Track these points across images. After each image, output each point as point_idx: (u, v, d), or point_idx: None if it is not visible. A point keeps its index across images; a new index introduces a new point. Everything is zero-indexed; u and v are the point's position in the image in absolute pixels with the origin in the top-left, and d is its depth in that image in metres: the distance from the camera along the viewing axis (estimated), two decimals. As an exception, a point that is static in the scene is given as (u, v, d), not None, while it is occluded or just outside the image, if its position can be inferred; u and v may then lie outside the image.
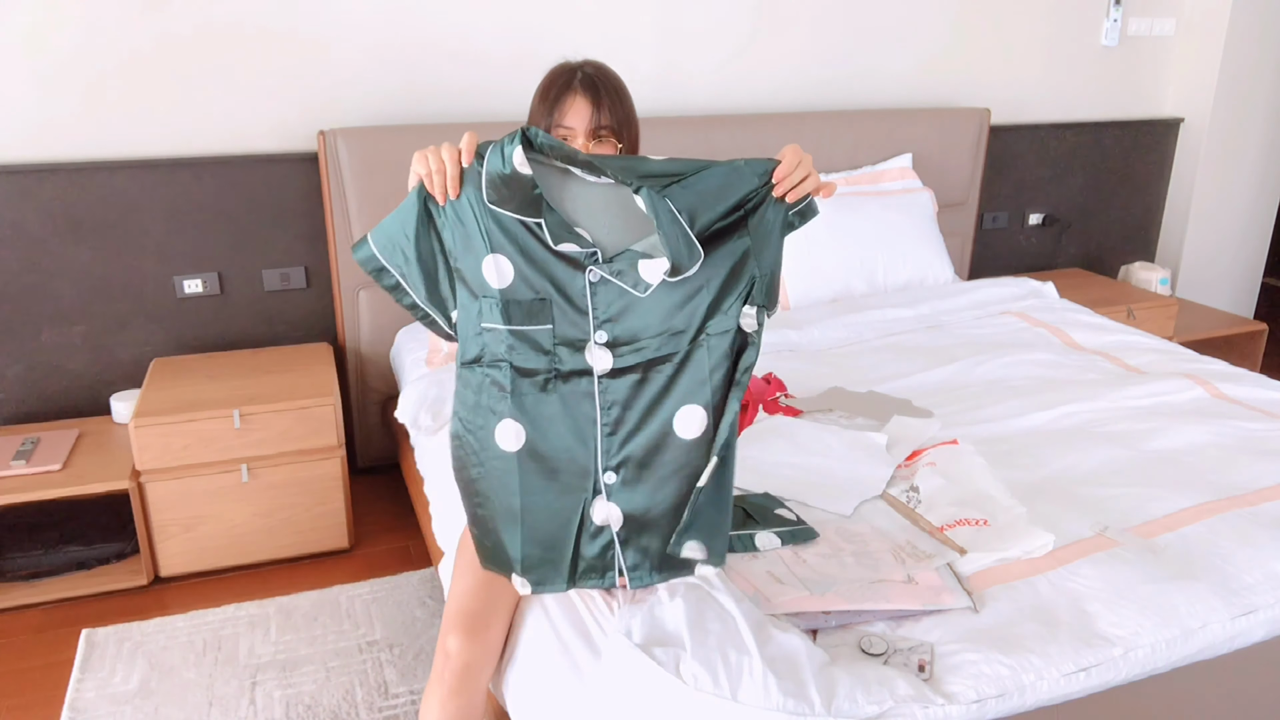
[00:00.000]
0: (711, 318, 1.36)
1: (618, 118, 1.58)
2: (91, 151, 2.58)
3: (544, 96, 1.59)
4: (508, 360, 1.36)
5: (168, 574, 2.46)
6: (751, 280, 1.36)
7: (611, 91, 1.58)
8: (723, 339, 1.37)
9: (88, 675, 2.11)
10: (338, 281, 2.80)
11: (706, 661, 1.28)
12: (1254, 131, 3.99)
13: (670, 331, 1.36)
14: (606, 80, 1.59)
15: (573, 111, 1.56)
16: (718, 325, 1.36)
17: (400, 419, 2.18)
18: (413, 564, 2.56)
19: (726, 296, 1.36)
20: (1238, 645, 1.54)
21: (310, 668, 2.14)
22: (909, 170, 3.27)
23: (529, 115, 1.64)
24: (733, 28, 3.15)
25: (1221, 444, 2.02)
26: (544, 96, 1.59)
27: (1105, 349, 2.63)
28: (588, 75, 1.58)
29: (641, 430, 1.38)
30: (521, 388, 1.37)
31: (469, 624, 1.44)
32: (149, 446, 2.34)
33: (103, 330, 2.69)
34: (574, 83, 1.57)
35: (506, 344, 1.36)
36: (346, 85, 2.76)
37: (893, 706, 1.28)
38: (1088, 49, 3.75)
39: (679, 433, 1.38)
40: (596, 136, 1.58)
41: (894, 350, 2.61)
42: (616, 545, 1.43)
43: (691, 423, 1.37)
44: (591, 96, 1.56)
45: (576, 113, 1.56)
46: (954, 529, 1.66)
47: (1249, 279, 4.26)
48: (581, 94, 1.56)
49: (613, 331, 1.36)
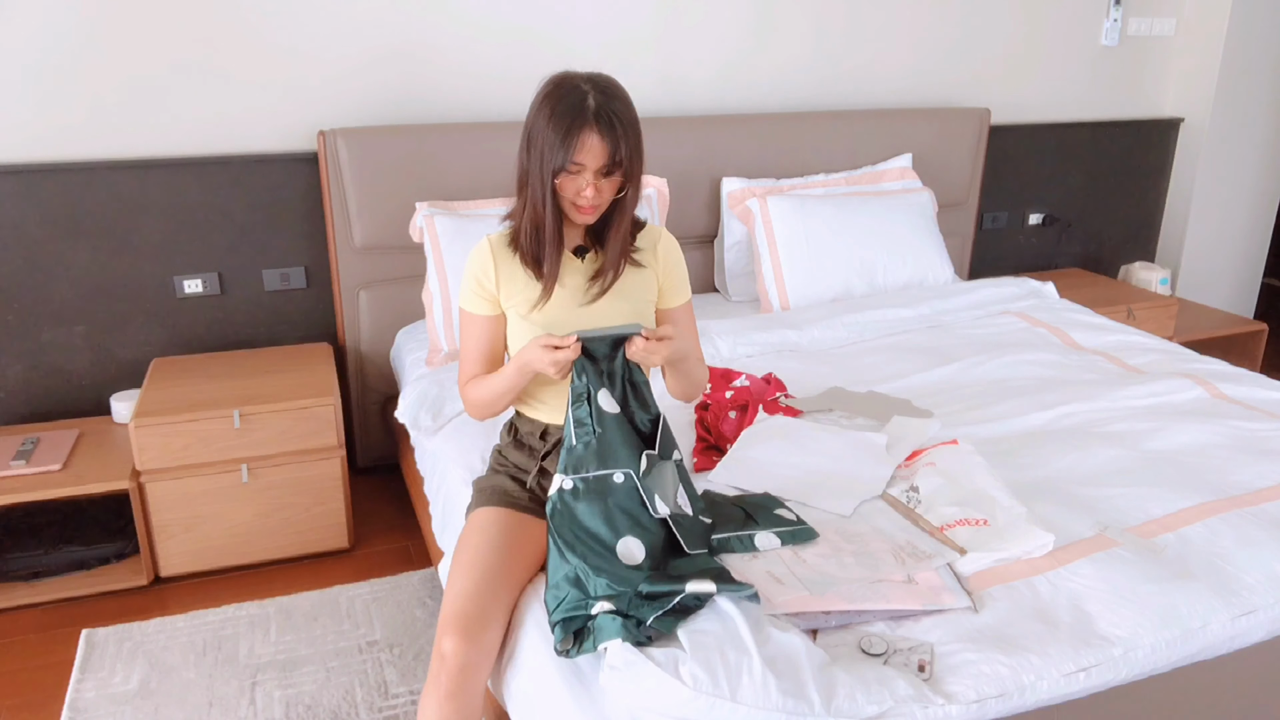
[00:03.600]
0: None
1: (628, 152, 1.56)
2: (91, 151, 2.58)
3: (554, 124, 1.53)
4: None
5: (168, 574, 2.46)
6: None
7: (624, 126, 1.55)
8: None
9: (88, 675, 2.11)
10: (338, 281, 2.80)
11: (705, 662, 1.28)
12: (1254, 131, 3.99)
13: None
14: (620, 113, 1.55)
15: (587, 150, 1.53)
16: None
17: (400, 419, 2.18)
18: (413, 564, 2.56)
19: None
20: (1238, 645, 1.54)
21: (310, 668, 2.14)
22: (909, 170, 3.27)
23: (529, 131, 1.58)
24: (733, 28, 3.15)
25: (1221, 444, 2.02)
26: (554, 124, 1.53)
27: (1105, 349, 2.63)
28: (602, 110, 1.53)
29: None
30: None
31: (465, 625, 1.44)
32: (149, 446, 2.34)
33: (103, 330, 2.69)
34: (589, 117, 1.52)
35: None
36: (346, 85, 2.76)
37: (893, 706, 1.28)
38: (1088, 49, 3.75)
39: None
40: (606, 174, 1.57)
41: (894, 350, 2.61)
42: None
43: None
44: (608, 134, 1.53)
45: (590, 152, 1.53)
46: (954, 529, 1.66)
47: (1249, 279, 4.26)
48: (598, 133, 1.52)
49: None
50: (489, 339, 1.71)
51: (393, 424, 2.78)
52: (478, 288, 1.69)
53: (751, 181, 3.09)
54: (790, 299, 2.90)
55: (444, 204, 2.72)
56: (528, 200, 1.61)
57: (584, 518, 1.51)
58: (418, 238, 2.66)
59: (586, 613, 1.42)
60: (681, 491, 1.63)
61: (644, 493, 1.54)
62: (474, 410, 1.73)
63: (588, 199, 1.57)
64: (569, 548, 1.48)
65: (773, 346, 2.60)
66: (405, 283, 2.82)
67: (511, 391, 1.66)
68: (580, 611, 1.43)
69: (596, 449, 1.54)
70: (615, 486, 1.53)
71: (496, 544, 1.57)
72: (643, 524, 1.53)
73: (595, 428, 1.55)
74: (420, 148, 2.71)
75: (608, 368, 1.59)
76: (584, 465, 1.54)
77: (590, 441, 1.55)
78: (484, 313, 1.70)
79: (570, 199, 1.59)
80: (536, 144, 1.56)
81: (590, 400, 1.56)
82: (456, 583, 1.52)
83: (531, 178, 1.59)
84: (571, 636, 1.41)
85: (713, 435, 2.04)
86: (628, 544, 1.50)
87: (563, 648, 1.40)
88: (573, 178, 1.56)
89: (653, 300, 1.74)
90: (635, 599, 1.41)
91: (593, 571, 1.45)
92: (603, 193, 1.59)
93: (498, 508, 1.66)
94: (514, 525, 1.62)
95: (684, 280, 1.78)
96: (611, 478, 1.54)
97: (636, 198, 1.66)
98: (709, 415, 2.08)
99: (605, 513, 1.51)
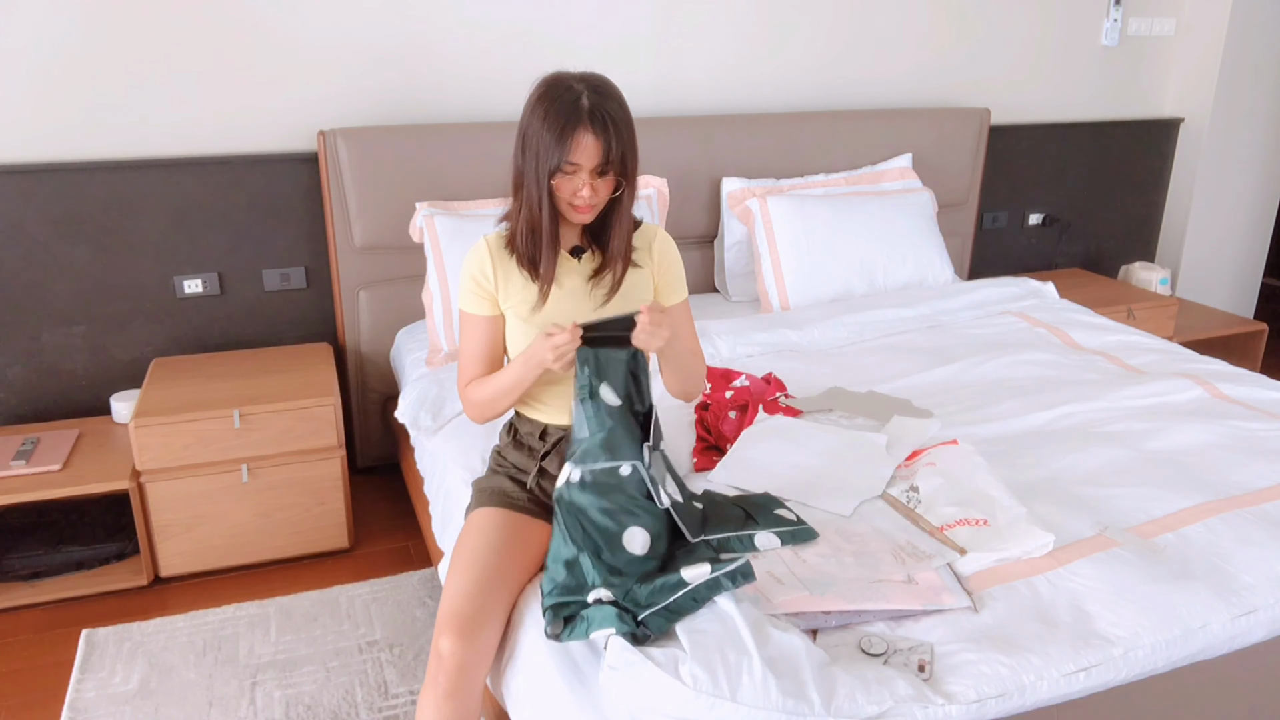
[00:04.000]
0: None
1: (623, 151, 1.56)
2: (91, 151, 2.57)
3: (549, 124, 1.53)
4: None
5: (168, 574, 2.46)
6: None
7: (618, 125, 1.55)
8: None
9: (88, 675, 2.11)
10: (338, 281, 2.80)
11: (705, 662, 1.28)
12: (1254, 131, 3.99)
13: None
14: (613, 111, 1.55)
15: (581, 150, 1.53)
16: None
17: (400, 419, 2.18)
18: (412, 564, 2.56)
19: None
20: (1238, 645, 1.54)
21: (310, 668, 2.14)
22: (909, 170, 3.27)
23: (523, 133, 1.58)
24: (733, 28, 3.15)
25: (1221, 444, 2.02)
26: (549, 124, 1.53)
27: (1105, 349, 2.63)
28: (596, 109, 1.53)
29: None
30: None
31: (463, 625, 1.44)
32: (149, 446, 2.34)
33: (103, 330, 2.69)
34: (583, 117, 1.52)
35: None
36: (346, 85, 2.76)
37: (893, 706, 1.28)
38: (1088, 49, 3.75)
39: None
40: (602, 173, 1.57)
41: (894, 350, 2.60)
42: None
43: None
44: (602, 133, 1.53)
45: (585, 151, 1.53)
46: (954, 529, 1.66)
47: (1249, 279, 4.26)
48: (592, 133, 1.53)
49: None
50: (489, 340, 1.71)
51: (393, 424, 2.78)
52: (476, 287, 1.69)
53: (751, 181, 3.08)
54: (790, 299, 2.90)
55: (444, 204, 2.72)
56: (523, 202, 1.61)
57: (590, 509, 1.53)
58: (418, 238, 2.66)
59: (581, 599, 1.45)
60: (669, 480, 1.66)
61: (650, 483, 1.57)
62: (475, 411, 1.72)
63: (584, 199, 1.58)
64: (573, 537, 1.51)
65: (773, 346, 2.60)
66: (405, 283, 2.82)
67: (515, 389, 1.66)
68: (574, 598, 1.45)
69: (604, 441, 1.56)
70: (623, 479, 1.56)
71: (495, 544, 1.57)
72: (648, 513, 1.56)
73: (605, 420, 1.57)
74: (420, 148, 2.71)
75: (610, 359, 1.60)
76: (592, 457, 1.55)
77: (599, 435, 1.56)
78: (483, 312, 1.70)
79: (566, 199, 1.59)
80: (531, 145, 1.56)
81: (595, 394, 1.58)
82: (454, 582, 1.52)
83: (527, 179, 1.59)
84: (561, 621, 1.43)
85: (713, 435, 2.04)
86: (633, 534, 1.53)
87: (553, 631, 1.42)
88: (569, 178, 1.56)
89: (649, 300, 1.74)
90: (636, 587, 1.43)
91: (594, 561, 1.48)
92: (599, 192, 1.59)
93: (497, 508, 1.66)
94: (513, 526, 1.62)
95: (680, 279, 1.78)
96: (619, 469, 1.56)
97: (633, 196, 1.66)
98: (709, 415, 2.08)
99: (612, 504, 1.54)
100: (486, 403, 1.69)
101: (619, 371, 1.61)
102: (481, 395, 1.69)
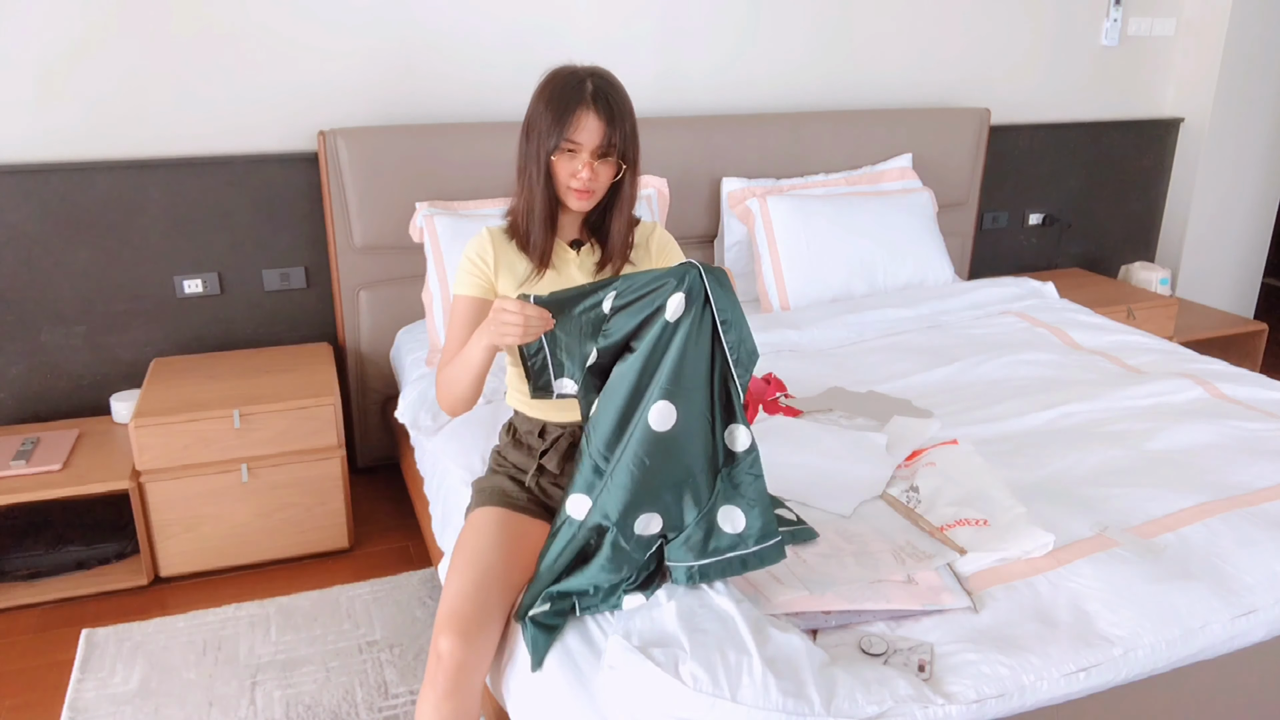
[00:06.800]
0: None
1: (624, 136, 1.57)
2: (91, 151, 2.57)
3: (552, 105, 1.55)
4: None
5: (168, 574, 2.46)
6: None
7: (620, 110, 1.56)
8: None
9: (88, 675, 2.11)
10: (338, 281, 2.80)
11: (706, 662, 1.28)
12: (1254, 131, 3.99)
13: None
14: (617, 96, 1.57)
15: (583, 128, 1.54)
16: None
17: (400, 419, 2.18)
18: (412, 564, 2.56)
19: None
20: (1238, 645, 1.54)
21: (310, 668, 2.14)
22: (909, 170, 3.27)
23: (527, 120, 1.61)
24: (733, 28, 3.15)
25: (1221, 444, 2.02)
26: (552, 105, 1.55)
27: (1105, 349, 2.63)
28: (599, 90, 1.55)
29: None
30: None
31: (462, 625, 1.44)
32: (149, 446, 2.34)
33: (103, 330, 2.69)
34: (585, 97, 1.54)
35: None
36: (346, 85, 2.76)
37: (893, 706, 1.28)
38: (1088, 49, 3.75)
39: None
40: (603, 155, 1.57)
41: (894, 350, 2.61)
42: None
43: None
44: (605, 115, 1.54)
45: (587, 130, 1.54)
46: (954, 529, 1.66)
47: (1249, 279, 4.26)
48: (594, 111, 1.54)
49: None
50: (474, 325, 1.66)
51: (393, 424, 2.78)
52: (472, 267, 1.68)
53: (751, 181, 3.09)
54: (790, 299, 2.90)
55: (444, 204, 2.72)
56: (525, 184, 1.62)
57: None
58: (418, 238, 2.66)
59: (562, 621, 1.46)
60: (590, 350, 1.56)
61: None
62: (441, 397, 1.66)
63: (583, 180, 1.58)
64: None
65: (773, 346, 2.60)
66: (405, 283, 2.82)
67: (470, 371, 1.57)
68: (558, 620, 1.47)
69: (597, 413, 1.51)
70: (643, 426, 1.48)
71: (495, 544, 1.57)
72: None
73: (590, 395, 1.53)
74: (420, 148, 2.71)
75: (568, 327, 1.52)
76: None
77: (593, 399, 1.52)
78: (475, 294, 1.67)
79: (565, 181, 1.59)
80: (534, 128, 1.58)
81: (550, 389, 1.58)
82: (454, 582, 1.52)
83: (529, 161, 1.60)
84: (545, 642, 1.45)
85: (713, 435, 2.03)
86: (648, 519, 1.48)
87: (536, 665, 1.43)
88: (569, 158, 1.57)
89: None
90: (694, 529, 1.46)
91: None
92: (598, 176, 1.59)
93: (496, 508, 1.66)
94: (513, 525, 1.62)
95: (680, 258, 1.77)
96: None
97: (634, 189, 1.66)
98: (709, 415, 2.07)
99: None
100: (445, 384, 1.64)
101: (583, 345, 1.53)
102: (441, 376, 1.65)
